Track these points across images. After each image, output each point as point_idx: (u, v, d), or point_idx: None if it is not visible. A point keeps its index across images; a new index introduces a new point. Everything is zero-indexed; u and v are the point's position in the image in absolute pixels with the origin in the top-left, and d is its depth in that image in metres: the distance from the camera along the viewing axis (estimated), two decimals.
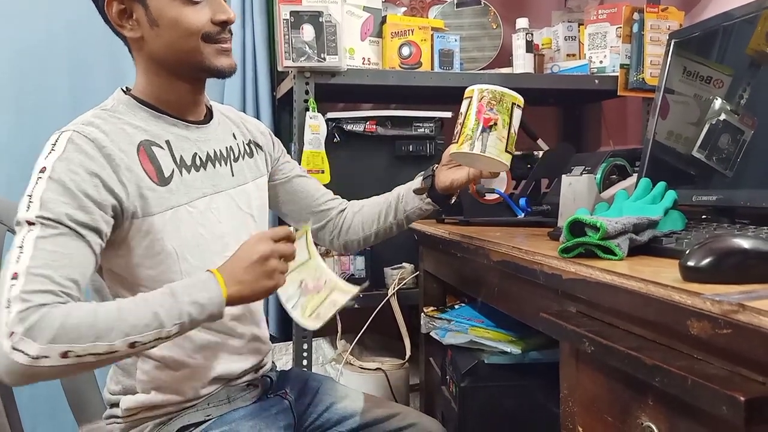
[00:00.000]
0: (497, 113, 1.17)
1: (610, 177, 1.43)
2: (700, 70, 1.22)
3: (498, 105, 1.17)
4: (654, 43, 1.98)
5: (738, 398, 0.58)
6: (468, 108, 1.19)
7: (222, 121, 1.26)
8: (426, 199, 1.33)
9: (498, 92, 1.18)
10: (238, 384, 1.20)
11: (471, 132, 1.17)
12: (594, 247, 0.90)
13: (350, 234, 1.41)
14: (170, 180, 1.10)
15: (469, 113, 1.19)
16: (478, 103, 1.18)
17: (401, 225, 1.38)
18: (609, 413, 0.84)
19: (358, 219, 1.41)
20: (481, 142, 1.16)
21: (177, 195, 1.10)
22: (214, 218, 1.15)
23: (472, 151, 1.16)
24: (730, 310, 0.61)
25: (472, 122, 1.17)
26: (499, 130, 1.16)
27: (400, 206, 1.36)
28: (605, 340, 0.78)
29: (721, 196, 1.10)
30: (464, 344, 1.51)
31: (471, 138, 1.16)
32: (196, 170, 1.15)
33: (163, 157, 1.11)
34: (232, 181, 1.21)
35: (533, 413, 1.42)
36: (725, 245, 0.72)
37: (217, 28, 1.10)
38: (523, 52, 2.07)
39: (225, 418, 1.15)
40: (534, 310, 1.04)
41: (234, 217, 1.20)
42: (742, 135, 1.09)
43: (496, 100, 1.17)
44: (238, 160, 1.24)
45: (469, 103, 1.19)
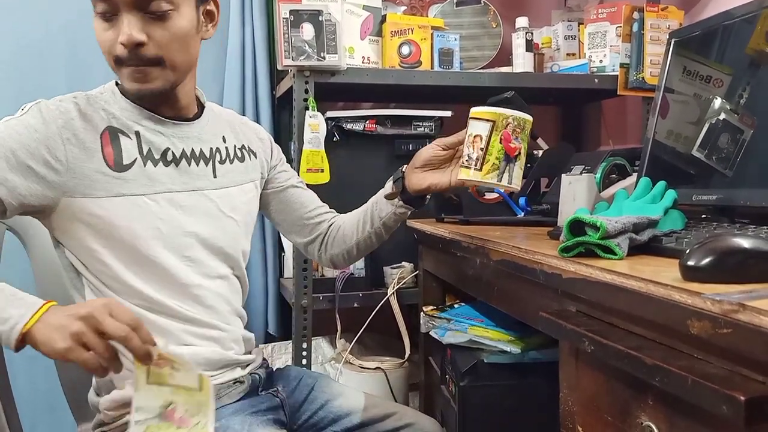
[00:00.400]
0: (521, 142, 1.13)
1: (610, 176, 1.43)
2: (699, 70, 1.22)
3: (522, 133, 1.13)
4: (654, 42, 1.98)
5: (738, 398, 0.58)
6: (491, 133, 1.13)
7: (212, 123, 1.24)
8: (398, 203, 1.29)
9: (521, 119, 1.13)
10: (222, 381, 1.19)
11: (497, 161, 1.12)
12: (594, 246, 0.90)
13: (334, 248, 1.39)
14: (128, 168, 1.10)
15: (494, 140, 1.12)
16: (503, 129, 1.12)
17: (380, 234, 1.35)
18: (609, 413, 0.84)
19: (341, 232, 1.38)
20: (509, 173, 1.13)
21: (133, 184, 1.10)
22: (179, 215, 1.14)
23: (500, 182, 1.13)
24: (730, 309, 0.60)
25: (498, 151, 1.12)
26: (521, 159, 1.14)
27: (375, 214, 1.33)
28: (605, 340, 0.78)
29: (721, 196, 1.10)
30: (464, 343, 1.51)
31: (497, 168, 1.12)
32: (164, 165, 1.14)
33: (127, 146, 1.11)
34: (214, 183, 1.20)
35: (533, 413, 1.42)
36: (725, 245, 0.72)
37: (125, 51, 1.04)
38: (523, 51, 2.07)
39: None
40: (534, 310, 1.04)
41: (210, 218, 1.18)
42: (742, 134, 1.09)
43: (521, 128, 1.13)
44: (224, 163, 1.23)
45: (492, 128, 1.13)
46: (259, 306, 2.21)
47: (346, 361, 1.99)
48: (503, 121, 1.12)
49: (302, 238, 1.41)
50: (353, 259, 1.41)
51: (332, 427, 1.26)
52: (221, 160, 1.23)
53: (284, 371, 1.35)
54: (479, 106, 1.15)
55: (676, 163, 1.22)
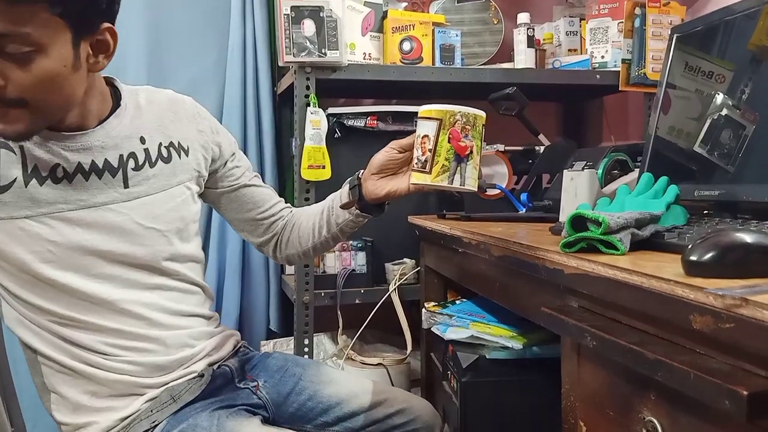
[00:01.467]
0: (472, 139, 1.08)
1: (612, 172, 1.43)
2: (701, 65, 1.21)
3: (472, 130, 1.08)
4: (655, 38, 1.98)
5: (740, 392, 0.58)
6: (438, 132, 1.07)
7: (127, 124, 1.13)
8: (355, 211, 1.23)
9: (471, 115, 1.08)
10: (179, 382, 1.15)
11: (447, 162, 1.07)
12: (596, 241, 0.90)
13: (289, 248, 1.34)
14: (6, 189, 1.03)
15: (442, 140, 1.07)
16: (451, 128, 1.07)
17: (337, 238, 1.30)
18: (611, 408, 0.84)
19: (296, 233, 1.32)
20: (460, 174, 1.08)
21: (11, 207, 1.03)
22: (77, 234, 1.07)
23: (451, 185, 1.08)
24: (732, 304, 0.60)
25: (447, 151, 1.07)
26: (474, 157, 1.09)
27: (331, 219, 1.27)
28: (607, 335, 0.78)
29: (723, 191, 1.10)
30: (465, 339, 1.51)
31: (448, 170, 1.07)
32: (54, 182, 1.05)
33: (8, 163, 1.03)
34: (125, 194, 1.11)
35: (534, 408, 1.42)
36: (728, 240, 0.72)
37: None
38: (525, 47, 2.07)
39: (178, 416, 1.11)
40: (535, 305, 1.04)
41: (121, 233, 1.10)
42: (744, 130, 1.09)
43: (470, 124, 1.08)
44: (142, 168, 1.13)
45: (439, 127, 1.07)
46: (260, 302, 2.21)
47: (347, 357, 1.99)
48: (450, 119, 1.07)
49: (256, 238, 1.35)
50: (309, 259, 1.39)
51: (322, 417, 1.24)
52: (137, 166, 1.12)
53: (266, 361, 1.29)
54: (427, 104, 1.10)
55: (678, 158, 1.22)
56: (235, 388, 1.21)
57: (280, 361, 1.30)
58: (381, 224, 1.96)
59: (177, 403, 1.13)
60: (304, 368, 1.29)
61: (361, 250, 1.96)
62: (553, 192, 1.52)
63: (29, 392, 1.17)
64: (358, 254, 1.96)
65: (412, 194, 1.16)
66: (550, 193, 1.56)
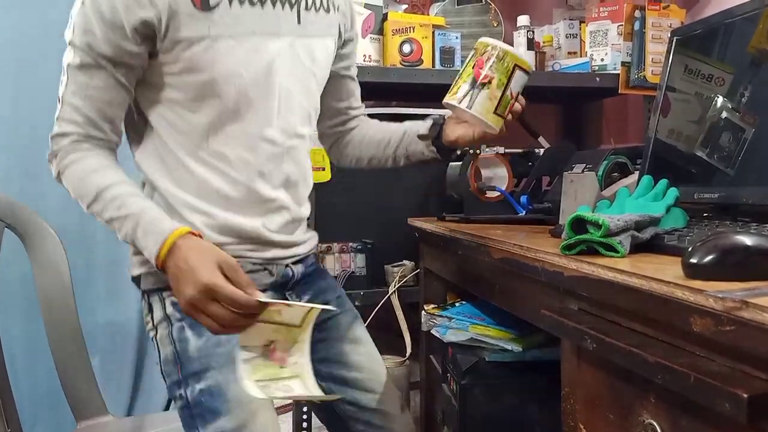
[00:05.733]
0: (494, 71, 1.11)
1: (612, 174, 1.43)
2: (701, 68, 1.21)
3: (498, 63, 1.11)
4: (655, 40, 1.98)
5: (741, 395, 0.58)
6: (469, 60, 1.14)
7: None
8: (430, 147, 1.28)
9: (502, 50, 1.11)
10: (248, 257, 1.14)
11: (464, 84, 1.12)
12: (596, 244, 0.90)
13: (348, 149, 1.38)
14: (215, 8, 1.05)
15: (468, 64, 1.14)
16: (479, 56, 1.12)
17: (398, 161, 1.34)
18: (611, 411, 0.84)
19: (361, 139, 1.36)
20: (470, 97, 1.11)
21: (218, 26, 1.05)
22: (263, 62, 1.10)
23: (458, 104, 1.12)
24: (733, 307, 0.60)
25: (467, 74, 1.12)
26: (492, 89, 1.11)
27: (404, 143, 1.31)
28: (607, 338, 0.78)
29: (723, 194, 1.10)
30: (465, 342, 1.51)
31: (460, 90, 1.12)
32: (250, 4, 1.09)
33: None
34: (298, 30, 1.15)
35: (534, 411, 1.42)
36: (728, 242, 0.72)
37: None
38: (524, 50, 2.07)
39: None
40: (535, 308, 1.04)
41: (294, 67, 1.14)
42: (744, 133, 1.09)
43: (498, 57, 1.11)
44: (309, 10, 1.17)
45: (472, 56, 1.14)
46: None
47: None
48: (483, 49, 1.12)
49: (324, 127, 1.38)
50: (360, 167, 1.39)
51: (327, 367, 1.23)
52: (306, 6, 1.16)
53: (321, 284, 1.29)
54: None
55: (677, 161, 1.22)
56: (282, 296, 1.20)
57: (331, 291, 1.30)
58: (380, 226, 1.97)
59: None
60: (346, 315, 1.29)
61: (361, 252, 1.96)
62: (553, 194, 1.52)
63: (28, 393, 1.17)
64: (358, 256, 1.96)
65: (474, 143, 1.24)
66: (550, 196, 1.56)
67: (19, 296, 1.95)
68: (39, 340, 1.52)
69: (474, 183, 1.67)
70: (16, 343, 1.95)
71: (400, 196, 1.99)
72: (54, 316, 1.44)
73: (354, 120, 1.38)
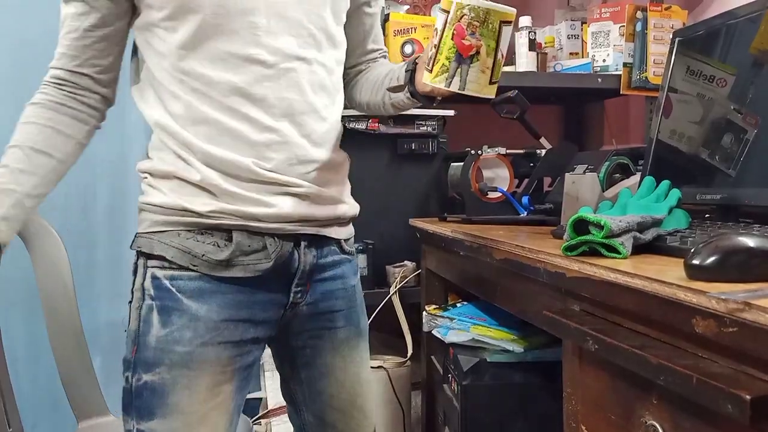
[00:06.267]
0: (480, 38, 0.95)
1: (613, 175, 1.43)
2: (703, 69, 1.21)
3: (482, 27, 0.94)
4: (657, 41, 1.98)
5: (743, 397, 0.58)
6: (444, 27, 0.96)
7: None
8: (407, 94, 1.12)
9: (482, 9, 0.94)
10: (240, 249, 1.01)
11: (447, 62, 0.95)
12: (598, 245, 0.90)
13: (354, 91, 1.26)
14: None
15: (446, 35, 0.95)
16: (456, 22, 0.94)
17: (387, 109, 1.21)
18: (613, 412, 0.84)
19: (363, 81, 1.24)
20: (460, 77, 0.95)
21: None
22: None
23: (448, 88, 0.96)
24: (735, 308, 0.60)
25: (449, 49, 0.95)
26: (482, 59, 0.95)
27: (384, 89, 1.18)
28: (609, 339, 0.78)
29: (725, 195, 1.10)
30: (466, 342, 1.51)
31: (447, 70, 0.96)
32: None
33: None
34: None
35: (536, 412, 1.42)
36: (730, 243, 0.72)
37: None
38: (526, 51, 2.07)
39: (191, 285, 1.00)
40: (537, 309, 1.04)
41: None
42: (746, 134, 1.09)
43: (480, 20, 0.94)
44: None
45: (447, 21, 0.96)
46: None
47: None
48: (457, 12, 0.94)
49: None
50: (362, 111, 1.30)
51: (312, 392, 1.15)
52: None
53: (336, 292, 1.14)
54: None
55: (679, 162, 1.22)
56: (280, 288, 1.07)
57: (341, 301, 1.15)
58: (382, 227, 1.97)
59: (227, 269, 1.01)
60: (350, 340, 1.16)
61: (362, 253, 1.95)
62: (555, 195, 1.52)
63: (29, 392, 1.17)
64: (359, 256, 1.95)
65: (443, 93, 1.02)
66: (552, 197, 1.56)
67: (21, 296, 1.95)
68: (40, 340, 1.52)
69: (475, 184, 1.67)
70: (18, 343, 1.95)
71: (401, 196, 1.99)
72: (55, 315, 1.44)
73: (369, 63, 1.25)
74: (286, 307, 1.07)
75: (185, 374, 0.97)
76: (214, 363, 0.99)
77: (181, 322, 0.98)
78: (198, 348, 0.98)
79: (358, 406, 1.18)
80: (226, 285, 1.00)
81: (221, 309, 1.00)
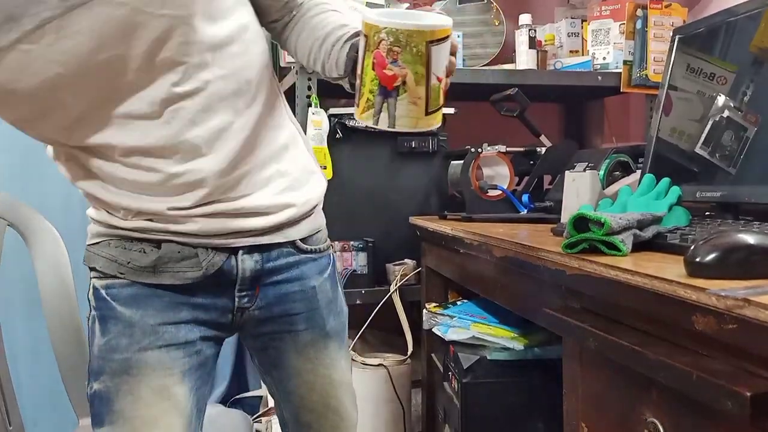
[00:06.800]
0: (404, 66, 0.80)
1: (614, 173, 1.43)
2: (703, 67, 1.21)
3: (404, 52, 0.79)
4: (657, 39, 1.98)
5: (743, 393, 0.58)
6: (364, 54, 0.82)
7: None
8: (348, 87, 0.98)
9: (401, 32, 0.78)
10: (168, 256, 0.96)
11: (371, 95, 0.82)
12: (598, 242, 0.90)
13: (288, 47, 1.09)
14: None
15: (366, 65, 0.82)
16: (374, 49, 0.80)
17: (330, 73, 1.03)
18: (612, 409, 0.84)
19: (293, 39, 1.07)
20: (387, 112, 0.82)
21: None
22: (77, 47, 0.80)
23: (376, 125, 0.83)
24: (735, 305, 0.60)
25: (371, 80, 0.82)
26: (410, 89, 0.81)
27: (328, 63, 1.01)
28: (609, 336, 0.78)
29: (725, 193, 1.10)
30: (466, 340, 1.51)
31: (372, 105, 0.82)
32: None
33: None
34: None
35: (536, 410, 1.42)
36: (730, 241, 0.72)
37: None
38: (526, 49, 2.07)
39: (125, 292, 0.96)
40: (537, 306, 1.04)
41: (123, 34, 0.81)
42: (746, 132, 1.09)
43: (401, 44, 0.79)
44: None
45: (365, 46, 0.82)
46: None
47: None
48: (374, 37, 0.80)
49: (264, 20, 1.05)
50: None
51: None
52: None
53: (292, 295, 1.06)
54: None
55: (679, 160, 1.22)
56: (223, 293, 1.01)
57: (302, 304, 1.08)
58: (382, 225, 1.97)
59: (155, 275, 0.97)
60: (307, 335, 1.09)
61: (362, 251, 1.96)
62: (555, 193, 1.52)
63: (30, 391, 1.17)
64: (359, 255, 1.96)
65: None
66: (552, 194, 1.57)
67: (21, 295, 1.96)
68: (41, 339, 1.52)
69: (476, 182, 1.68)
70: (18, 342, 1.96)
71: (401, 194, 1.99)
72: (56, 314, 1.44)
73: (289, 14, 1.06)
74: (233, 312, 1.03)
75: (126, 380, 0.95)
76: (156, 367, 0.96)
77: (117, 330, 0.97)
78: (136, 354, 0.95)
79: (333, 408, 1.14)
80: (162, 289, 0.98)
81: (158, 313, 0.97)
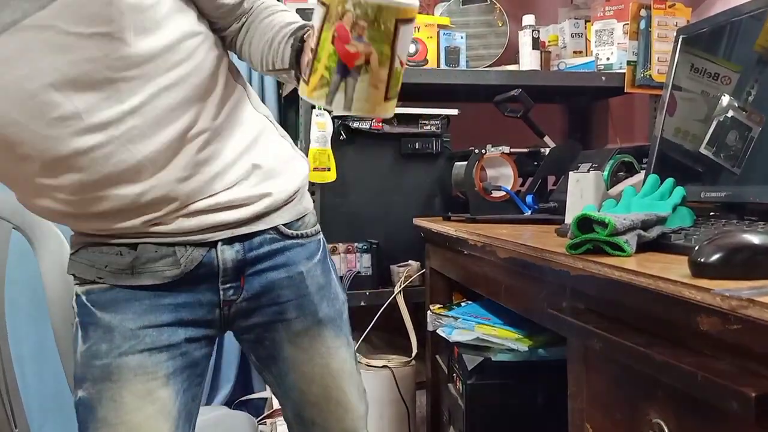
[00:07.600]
0: (369, 44, 0.72)
1: (618, 174, 1.43)
2: (707, 67, 1.21)
3: (371, 28, 0.71)
4: (661, 39, 1.97)
5: (748, 394, 0.58)
6: (322, 26, 0.74)
7: None
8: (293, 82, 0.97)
9: (371, 5, 0.70)
10: (145, 256, 0.95)
11: (327, 72, 0.74)
12: (602, 243, 0.90)
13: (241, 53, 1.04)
14: None
15: (324, 38, 0.73)
16: (337, 21, 0.72)
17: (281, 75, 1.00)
18: (618, 410, 0.84)
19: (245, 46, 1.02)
20: (345, 93, 0.74)
21: None
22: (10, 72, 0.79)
23: (329, 106, 0.75)
24: (739, 305, 0.60)
25: (329, 55, 0.73)
26: (373, 71, 0.73)
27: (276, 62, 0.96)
28: (613, 337, 0.78)
29: (730, 193, 1.10)
30: (471, 342, 1.51)
31: (328, 83, 0.74)
32: None
33: None
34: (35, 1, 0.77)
35: (541, 411, 1.42)
36: (734, 241, 0.72)
37: None
38: (530, 50, 2.07)
39: (104, 297, 0.96)
40: (541, 307, 1.04)
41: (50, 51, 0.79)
42: (750, 132, 1.09)
43: (368, 19, 0.71)
44: None
45: (325, 15, 0.73)
46: None
47: None
48: (338, 8, 0.71)
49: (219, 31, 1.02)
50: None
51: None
52: None
53: (279, 281, 1.03)
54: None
55: (684, 160, 1.22)
56: (206, 288, 0.99)
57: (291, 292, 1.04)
58: (386, 226, 1.97)
59: (134, 277, 0.96)
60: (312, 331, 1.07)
61: (366, 252, 1.96)
62: (559, 194, 1.52)
63: (36, 394, 1.18)
64: (363, 256, 1.96)
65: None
66: (556, 195, 1.56)
67: (27, 297, 1.96)
68: (46, 341, 1.52)
69: (479, 183, 1.68)
70: (24, 344, 1.96)
71: (405, 196, 1.99)
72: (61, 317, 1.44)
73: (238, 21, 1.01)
74: (219, 306, 1.01)
75: (108, 387, 0.94)
76: (138, 372, 0.95)
77: (97, 336, 0.96)
78: (116, 359, 0.94)
79: (335, 400, 1.10)
80: (142, 292, 0.96)
81: (138, 317, 0.96)
